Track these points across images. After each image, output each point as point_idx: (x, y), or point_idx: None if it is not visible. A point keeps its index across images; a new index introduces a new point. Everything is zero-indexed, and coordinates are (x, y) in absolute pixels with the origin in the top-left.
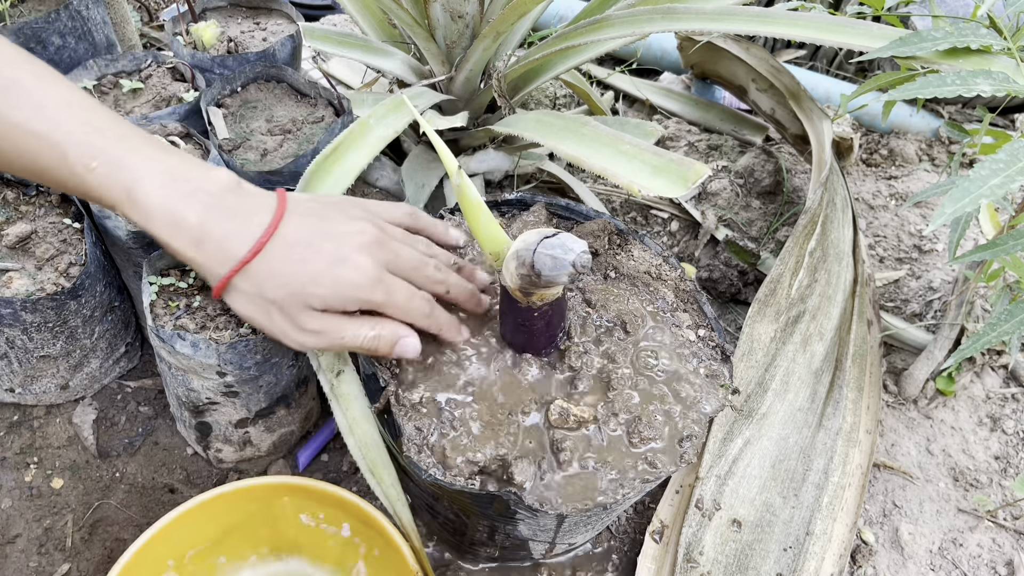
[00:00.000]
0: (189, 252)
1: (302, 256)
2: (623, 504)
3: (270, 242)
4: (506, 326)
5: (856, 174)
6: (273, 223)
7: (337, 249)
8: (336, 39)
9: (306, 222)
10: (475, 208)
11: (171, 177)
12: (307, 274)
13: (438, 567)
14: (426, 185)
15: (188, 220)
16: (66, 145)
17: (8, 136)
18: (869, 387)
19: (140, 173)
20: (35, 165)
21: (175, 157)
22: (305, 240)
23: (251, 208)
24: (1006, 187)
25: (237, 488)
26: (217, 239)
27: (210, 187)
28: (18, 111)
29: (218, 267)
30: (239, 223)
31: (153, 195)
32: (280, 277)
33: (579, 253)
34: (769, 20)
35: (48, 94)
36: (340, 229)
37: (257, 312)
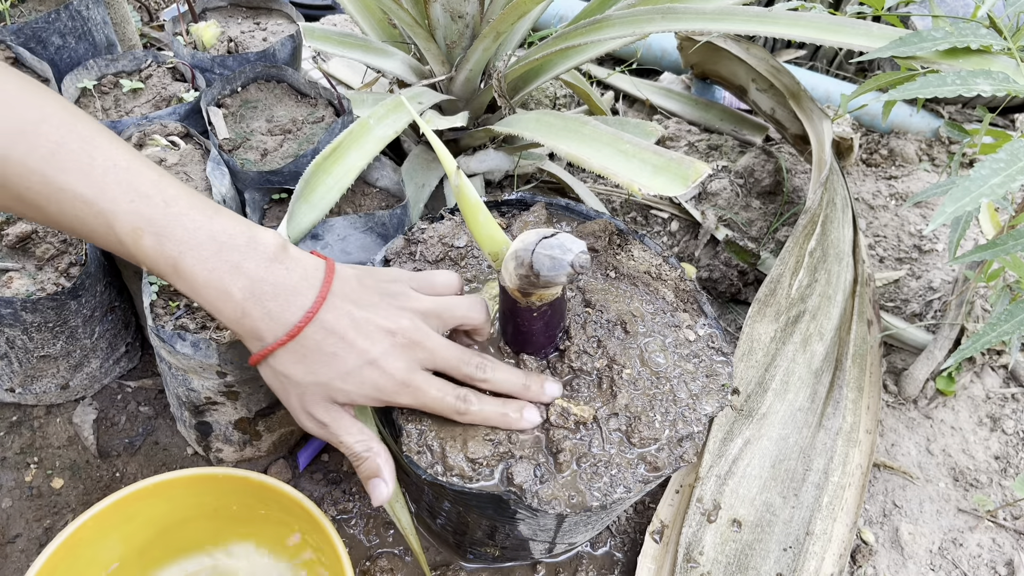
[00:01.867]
0: (232, 325)
1: (335, 349)
2: (623, 504)
3: (307, 328)
4: (506, 326)
5: (856, 174)
6: (313, 307)
7: (370, 348)
8: (336, 39)
9: (345, 310)
10: (474, 208)
11: (217, 246)
12: (336, 369)
13: (438, 567)
14: (426, 185)
15: (233, 296)
16: (112, 215)
17: (55, 200)
18: (869, 387)
19: (186, 246)
20: (83, 229)
21: (220, 220)
22: (341, 332)
23: (295, 284)
24: (1006, 186)
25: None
26: (257, 318)
27: (256, 258)
28: (65, 175)
29: (254, 343)
30: (280, 303)
31: (198, 269)
32: (309, 365)
33: (577, 253)
34: (769, 20)
35: (95, 157)
36: (377, 324)
37: (280, 387)
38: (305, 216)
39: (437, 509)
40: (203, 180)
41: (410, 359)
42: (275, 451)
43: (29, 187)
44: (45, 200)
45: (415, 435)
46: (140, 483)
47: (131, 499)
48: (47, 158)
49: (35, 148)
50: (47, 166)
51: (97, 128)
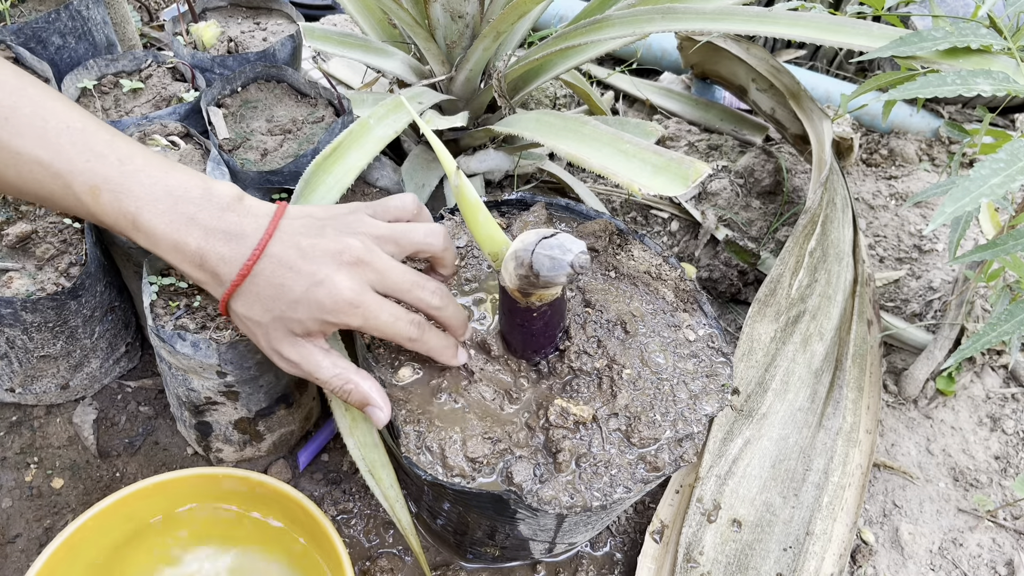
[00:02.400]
0: (193, 275)
1: (283, 279)
2: (623, 504)
3: (257, 264)
4: (505, 326)
5: (856, 174)
6: (260, 244)
7: (317, 270)
8: (336, 39)
9: (293, 241)
10: (473, 208)
11: (173, 200)
12: (287, 298)
13: (438, 567)
14: (426, 185)
15: (189, 246)
16: (69, 175)
17: (12, 164)
18: (869, 387)
19: (143, 200)
20: (41, 192)
21: (176, 175)
22: (289, 262)
23: (246, 228)
24: (1006, 186)
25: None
26: (214, 263)
27: (210, 208)
28: (20, 139)
29: (216, 289)
30: (233, 246)
31: (156, 222)
32: (265, 301)
33: (577, 253)
34: (769, 20)
35: (48, 120)
36: (324, 247)
37: (249, 333)
38: None
39: (437, 509)
40: None
41: (359, 278)
42: (275, 451)
43: None
44: (3, 166)
45: (414, 436)
46: (140, 483)
47: (131, 499)
48: (1, 124)
49: None
50: (2, 132)
51: (48, 92)
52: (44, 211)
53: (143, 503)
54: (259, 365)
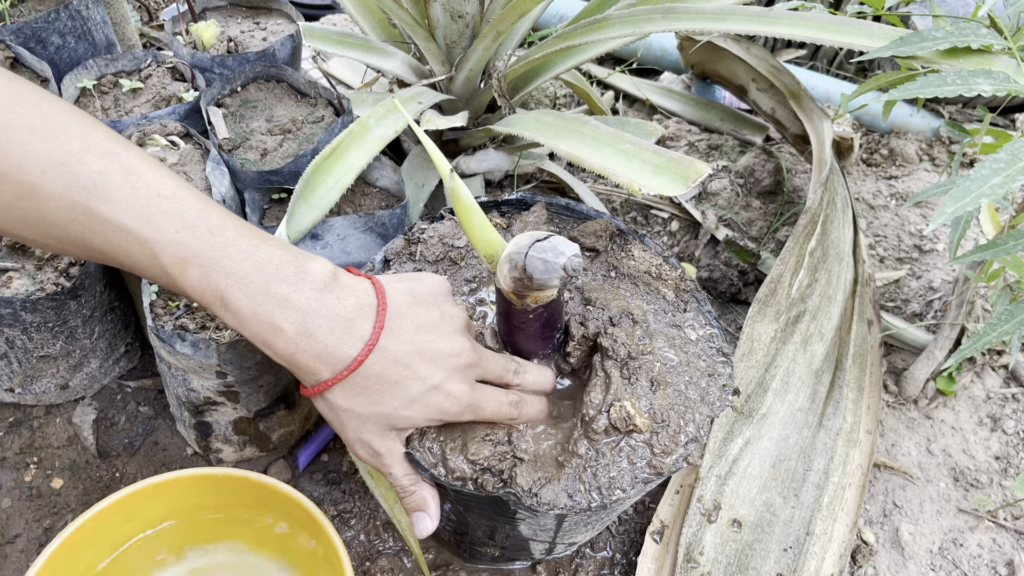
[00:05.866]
0: (285, 361)
1: (397, 378)
2: (623, 504)
3: (367, 360)
4: (503, 328)
5: (856, 174)
6: (372, 340)
7: (432, 373)
8: (336, 39)
9: (404, 336)
10: (468, 211)
11: (264, 278)
12: (400, 398)
13: (438, 567)
14: (426, 185)
15: (284, 332)
16: (157, 246)
17: (99, 231)
18: (869, 387)
19: (232, 278)
20: (127, 260)
21: (266, 249)
22: (404, 360)
23: (349, 315)
24: (1007, 186)
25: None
26: (312, 354)
27: (306, 289)
28: (109, 206)
29: (309, 378)
30: (336, 337)
31: (245, 303)
32: (372, 396)
33: (570, 256)
34: (769, 20)
35: (139, 187)
36: (438, 348)
37: (337, 421)
38: (305, 216)
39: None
40: (203, 180)
41: (469, 378)
42: (275, 451)
43: (73, 219)
44: (91, 233)
45: (415, 437)
46: (140, 483)
47: (131, 499)
48: (90, 189)
49: (78, 179)
50: (90, 198)
51: (140, 156)
52: None
53: (143, 503)
54: (259, 365)
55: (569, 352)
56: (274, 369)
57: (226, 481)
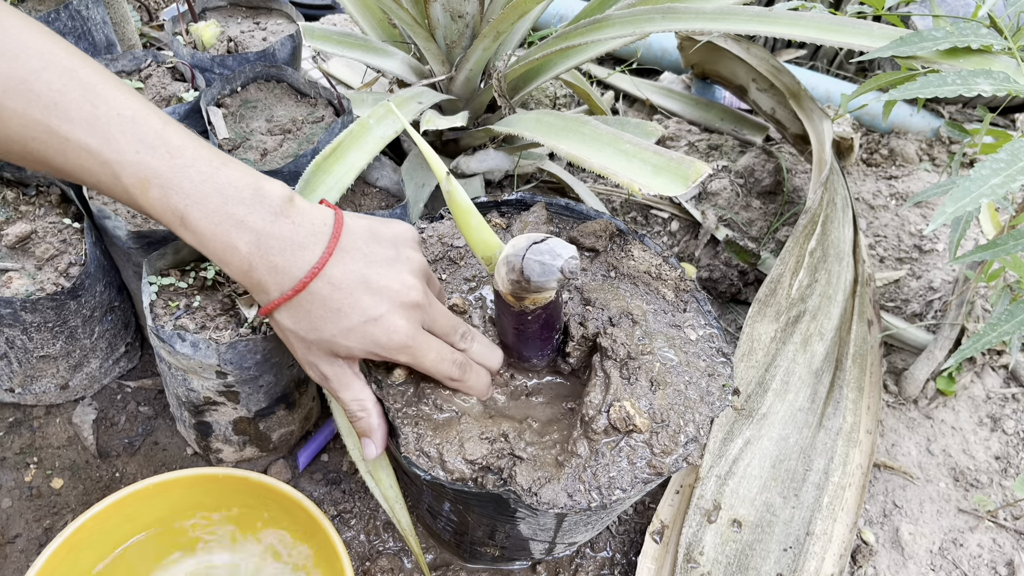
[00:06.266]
0: (239, 277)
1: (339, 306)
2: (623, 504)
3: (313, 283)
4: (501, 330)
5: (856, 174)
6: (318, 265)
7: (376, 305)
8: (336, 39)
9: (353, 266)
10: (466, 214)
11: (222, 200)
12: (340, 325)
13: (438, 567)
14: (426, 185)
15: (239, 251)
16: (118, 166)
17: (60, 150)
18: (869, 387)
19: (191, 199)
20: (89, 179)
21: (226, 171)
22: (348, 288)
23: (301, 239)
24: (1007, 186)
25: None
26: (263, 272)
27: (261, 211)
28: (69, 125)
29: (261, 296)
30: (286, 258)
31: (204, 223)
32: (315, 320)
33: (567, 259)
34: (769, 20)
35: (99, 105)
36: (385, 282)
37: (287, 342)
38: None
39: (437, 510)
40: None
41: (413, 319)
42: (275, 451)
43: (35, 138)
44: (52, 152)
45: (412, 438)
46: (140, 483)
47: (131, 499)
48: (50, 107)
49: (38, 97)
50: (50, 116)
51: (101, 74)
52: (44, 211)
53: (143, 503)
54: (259, 365)
55: (568, 352)
56: (274, 369)
57: (226, 481)
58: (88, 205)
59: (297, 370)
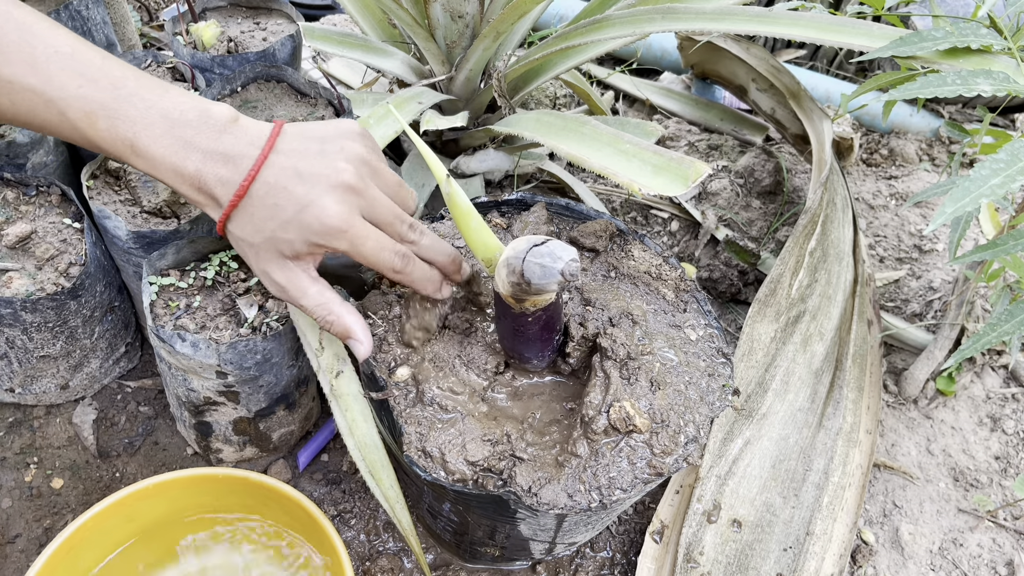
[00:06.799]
0: (192, 197)
1: (276, 200)
2: (623, 504)
3: (252, 186)
4: (502, 331)
5: (856, 174)
6: (256, 166)
7: (308, 192)
8: (336, 39)
9: (288, 163)
10: (466, 216)
11: (170, 123)
12: (278, 219)
13: (438, 567)
14: (426, 185)
15: (187, 169)
16: (62, 102)
17: (5, 93)
18: (869, 387)
19: (140, 125)
20: (36, 120)
21: (171, 97)
22: (283, 183)
23: (243, 149)
24: (1006, 187)
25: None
26: (211, 185)
27: (207, 130)
28: (10, 67)
29: (214, 211)
30: (231, 168)
31: (154, 147)
32: (257, 222)
33: (567, 261)
34: (769, 20)
35: (36, 45)
36: (316, 169)
37: (243, 254)
38: None
39: (438, 510)
40: None
41: (349, 203)
42: (275, 451)
43: None
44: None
45: (415, 437)
46: (140, 483)
47: (131, 499)
48: None
49: None
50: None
51: (33, 14)
52: (44, 211)
53: (143, 503)
54: (259, 365)
55: (568, 353)
56: (274, 369)
57: (226, 481)
58: (88, 205)
59: (297, 370)
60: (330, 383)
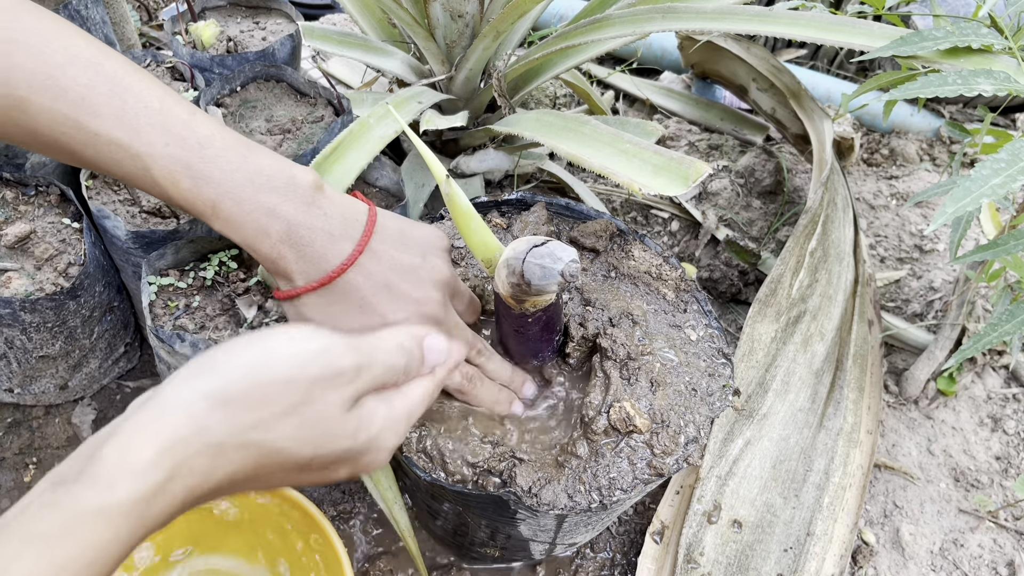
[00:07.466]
0: (266, 264)
1: (361, 304)
2: (623, 505)
3: (339, 278)
4: (502, 332)
5: (857, 174)
6: (348, 261)
7: (393, 312)
8: (336, 38)
9: (380, 268)
10: (466, 216)
11: (254, 189)
12: (357, 323)
13: (438, 568)
14: (426, 185)
15: (270, 238)
16: (148, 159)
17: (90, 144)
18: (870, 387)
19: (222, 188)
20: (120, 172)
21: (255, 159)
22: (372, 288)
23: (333, 229)
24: (1007, 186)
25: None
26: (292, 261)
27: (293, 200)
28: (99, 120)
29: (284, 283)
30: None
31: (235, 212)
32: (334, 314)
33: (567, 262)
34: (770, 19)
35: (127, 99)
36: (407, 288)
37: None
38: None
39: (437, 510)
40: None
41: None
42: None
43: (64, 132)
44: (81, 145)
45: (414, 438)
46: None
47: None
48: (78, 103)
49: (65, 93)
50: (79, 111)
51: (123, 63)
52: (43, 211)
53: None
54: None
55: (568, 353)
56: None
57: None
58: (87, 205)
59: None
60: None
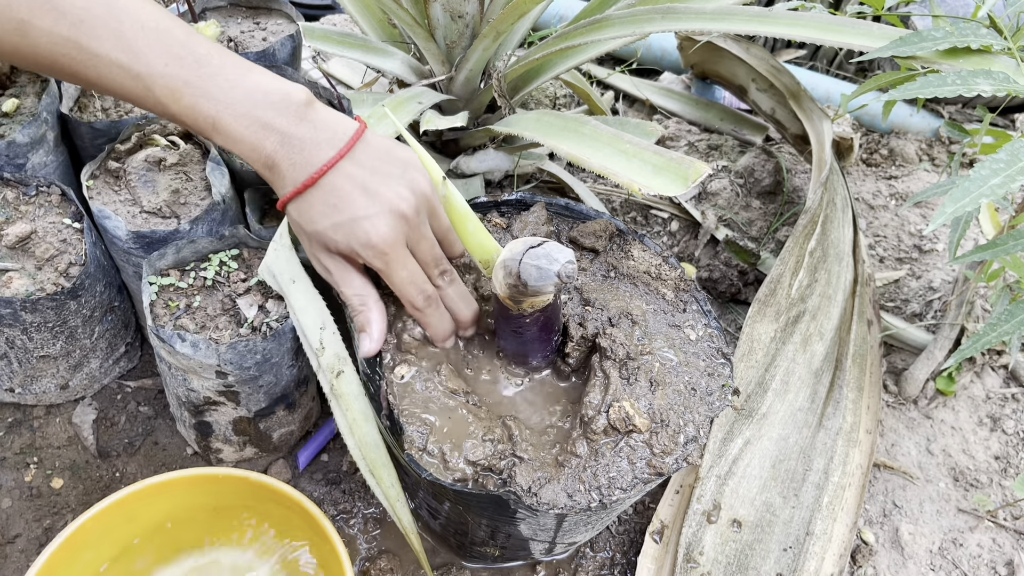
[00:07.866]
0: (264, 173)
1: (335, 203)
2: (623, 504)
3: (319, 180)
4: (500, 332)
5: (856, 174)
6: (327, 165)
7: (367, 206)
8: (336, 39)
9: (358, 172)
10: (463, 218)
11: (251, 104)
12: (331, 219)
13: (438, 567)
14: None
15: (265, 149)
16: (149, 78)
17: (92, 66)
18: (869, 387)
19: (222, 104)
20: (122, 92)
21: (252, 77)
22: (347, 189)
23: (319, 141)
24: (1006, 187)
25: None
26: (283, 168)
27: (287, 114)
28: (98, 42)
29: (279, 189)
30: (304, 156)
31: (234, 126)
32: (312, 214)
33: (564, 263)
34: (769, 20)
35: (123, 20)
36: (382, 190)
37: (295, 230)
38: None
39: (438, 509)
40: (202, 180)
41: (398, 230)
42: (275, 451)
43: (65, 54)
44: (83, 67)
45: (416, 437)
46: (140, 483)
47: (131, 499)
48: (77, 25)
49: (64, 15)
50: (79, 34)
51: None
52: (44, 211)
53: (143, 503)
54: (259, 365)
55: (568, 353)
56: (274, 369)
57: (226, 481)
58: (88, 205)
59: (297, 370)
60: (330, 383)
